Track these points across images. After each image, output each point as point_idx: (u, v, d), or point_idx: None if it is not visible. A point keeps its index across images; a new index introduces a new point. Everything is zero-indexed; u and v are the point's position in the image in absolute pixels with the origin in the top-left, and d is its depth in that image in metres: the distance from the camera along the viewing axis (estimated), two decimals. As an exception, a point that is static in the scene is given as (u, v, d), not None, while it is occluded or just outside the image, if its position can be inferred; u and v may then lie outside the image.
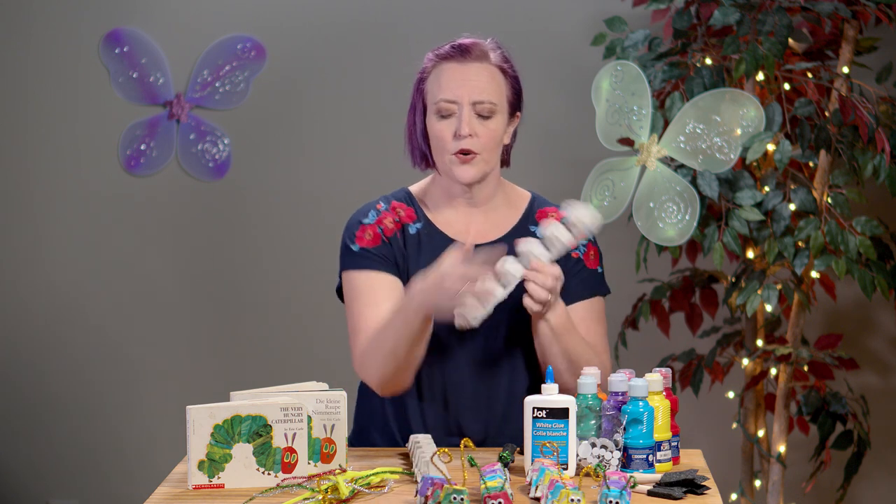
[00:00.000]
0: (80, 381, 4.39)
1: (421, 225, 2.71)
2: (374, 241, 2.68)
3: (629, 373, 2.47)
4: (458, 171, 2.64)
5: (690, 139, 3.41)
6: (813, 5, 3.59)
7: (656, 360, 4.00)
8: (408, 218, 2.72)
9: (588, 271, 2.74)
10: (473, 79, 2.63)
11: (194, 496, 2.30)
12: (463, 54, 2.63)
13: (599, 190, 3.48)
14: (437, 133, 2.65)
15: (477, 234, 2.71)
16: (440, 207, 2.73)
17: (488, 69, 2.64)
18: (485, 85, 2.63)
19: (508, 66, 2.67)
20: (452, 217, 2.72)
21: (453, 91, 2.62)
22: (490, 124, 2.64)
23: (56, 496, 4.42)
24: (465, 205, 2.72)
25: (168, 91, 4.34)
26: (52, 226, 4.37)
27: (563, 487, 2.14)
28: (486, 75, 2.64)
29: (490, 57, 2.65)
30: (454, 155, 2.63)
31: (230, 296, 4.37)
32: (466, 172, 2.64)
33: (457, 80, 2.63)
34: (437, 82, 2.65)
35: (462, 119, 2.61)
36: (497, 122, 2.65)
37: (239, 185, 4.35)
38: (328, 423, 2.41)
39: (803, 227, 3.55)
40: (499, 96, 2.65)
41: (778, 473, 3.76)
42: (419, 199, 2.75)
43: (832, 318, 4.22)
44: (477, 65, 2.64)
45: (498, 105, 2.64)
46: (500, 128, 2.66)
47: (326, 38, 4.31)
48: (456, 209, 2.72)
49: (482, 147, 2.63)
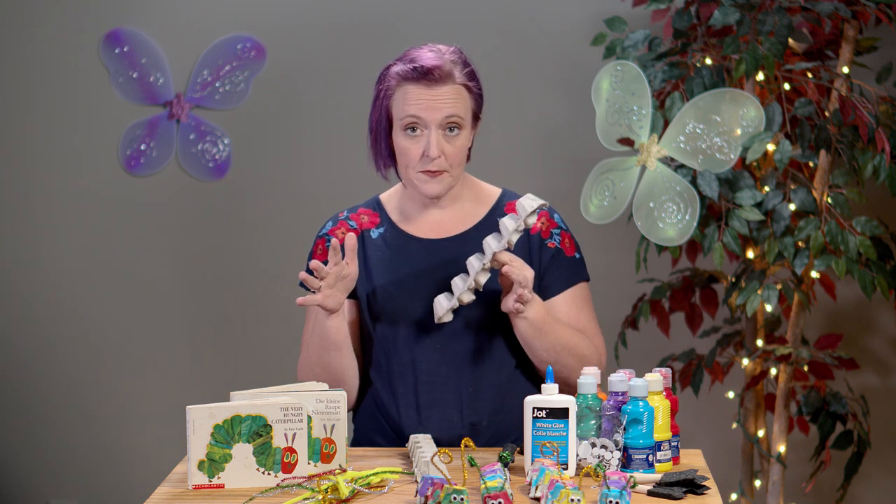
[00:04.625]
0: (80, 381, 4.39)
1: (384, 229, 2.78)
2: (322, 255, 2.79)
3: (629, 373, 2.47)
4: (425, 187, 2.70)
5: (690, 139, 3.41)
6: (813, 5, 3.59)
7: (656, 360, 4.00)
8: (370, 223, 2.79)
9: (567, 259, 2.77)
10: (440, 102, 2.66)
11: (194, 496, 2.30)
12: (428, 78, 2.66)
13: (599, 190, 3.48)
14: (404, 150, 2.70)
15: (444, 230, 2.76)
16: (407, 211, 2.79)
17: (453, 89, 2.68)
18: (451, 105, 2.67)
19: (472, 82, 2.70)
20: (419, 219, 2.77)
21: (421, 113, 2.66)
22: (457, 141, 2.69)
23: (56, 496, 4.42)
24: (434, 208, 2.77)
25: (168, 91, 4.34)
26: (52, 226, 4.37)
27: (563, 487, 2.14)
28: (453, 95, 2.67)
29: (454, 76, 2.67)
30: (422, 172, 2.69)
31: (230, 296, 4.37)
32: (433, 188, 2.70)
33: (423, 103, 2.66)
34: (403, 101, 2.68)
35: (431, 142, 2.66)
36: (463, 136, 2.70)
37: (239, 185, 4.35)
38: (328, 423, 2.41)
39: (803, 227, 3.55)
40: (465, 111, 2.69)
41: (778, 473, 3.76)
42: (386, 204, 2.81)
43: (832, 318, 4.22)
44: (441, 87, 2.66)
45: (464, 119, 2.69)
46: (466, 141, 2.71)
47: (326, 38, 4.31)
48: (424, 212, 2.78)
49: (449, 164, 2.69)
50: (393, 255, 2.74)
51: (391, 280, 2.72)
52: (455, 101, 2.66)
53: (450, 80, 2.66)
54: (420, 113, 2.65)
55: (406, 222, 2.77)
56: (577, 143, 4.13)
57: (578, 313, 2.75)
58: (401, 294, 2.71)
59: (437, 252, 2.73)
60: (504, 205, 2.79)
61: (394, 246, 2.75)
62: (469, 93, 2.69)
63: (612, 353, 4.02)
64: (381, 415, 2.74)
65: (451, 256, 2.71)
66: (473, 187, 2.80)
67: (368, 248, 2.76)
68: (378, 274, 2.73)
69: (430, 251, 2.73)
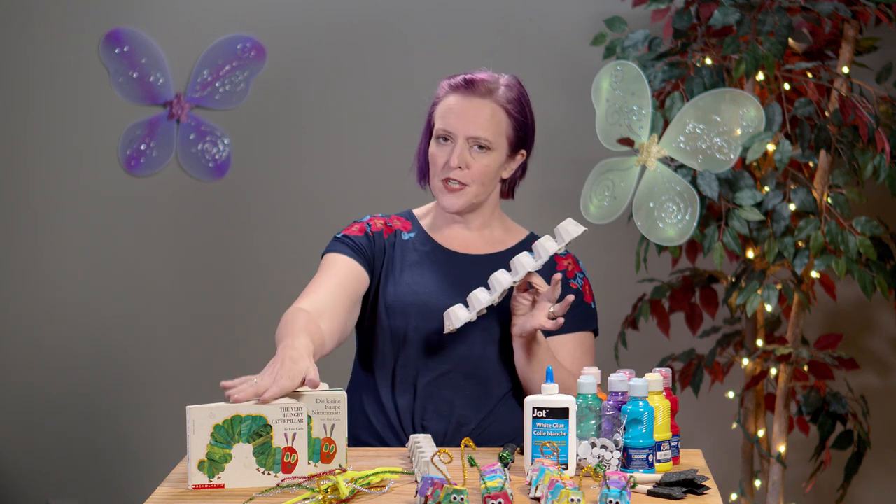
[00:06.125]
0: (80, 381, 4.39)
1: (415, 234, 2.81)
2: (358, 232, 2.79)
3: (629, 373, 2.47)
4: (444, 199, 2.74)
5: (690, 139, 3.41)
6: (813, 5, 3.59)
7: (656, 360, 4.00)
8: (403, 227, 2.83)
9: (583, 304, 2.80)
10: (473, 115, 2.70)
11: (194, 496, 2.30)
12: (469, 88, 2.72)
13: (599, 190, 3.48)
14: (432, 157, 2.75)
15: (472, 247, 2.81)
16: (438, 226, 2.83)
17: (490, 107, 2.71)
18: (483, 121, 2.70)
19: (513, 107, 2.73)
20: (449, 234, 2.82)
21: (451, 123, 2.71)
22: (483, 159, 2.71)
23: (56, 496, 4.42)
24: (462, 227, 2.81)
25: (168, 91, 4.34)
26: (52, 226, 4.37)
27: (563, 487, 2.14)
28: (487, 113, 2.71)
29: (496, 94, 2.72)
30: (442, 182, 2.73)
31: (230, 296, 4.37)
32: (451, 201, 2.74)
33: (456, 114, 2.71)
34: (442, 111, 2.73)
35: (454, 152, 2.70)
36: (492, 157, 2.72)
37: (239, 185, 4.35)
38: (328, 423, 2.41)
39: (803, 227, 3.55)
40: (496, 134, 2.72)
41: (778, 473, 3.76)
42: (420, 218, 2.85)
43: (832, 318, 4.23)
44: (479, 101, 2.71)
45: (494, 142, 2.71)
46: (494, 164, 2.73)
47: (326, 38, 4.31)
48: (452, 229, 2.82)
49: (471, 179, 2.72)
50: (421, 258, 2.78)
51: (416, 279, 2.75)
52: (488, 119, 2.70)
53: (490, 96, 2.71)
54: (451, 122, 2.70)
55: (437, 234, 2.82)
56: (577, 143, 4.13)
57: (580, 359, 2.77)
58: (424, 293, 2.74)
59: (463, 265, 2.77)
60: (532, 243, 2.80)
61: (422, 251, 2.79)
62: (508, 117, 2.72)
63: (612, 353, 4.02)
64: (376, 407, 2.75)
65: (476, 272, 2.75)
66: (505, 221, 2.85)
67: (398, 247, 2.80)
68: (404, 271, 2.77)
69: (457, 263, 2.78)
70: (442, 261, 2.78)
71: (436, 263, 2.77)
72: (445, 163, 2.71)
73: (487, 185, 2.74)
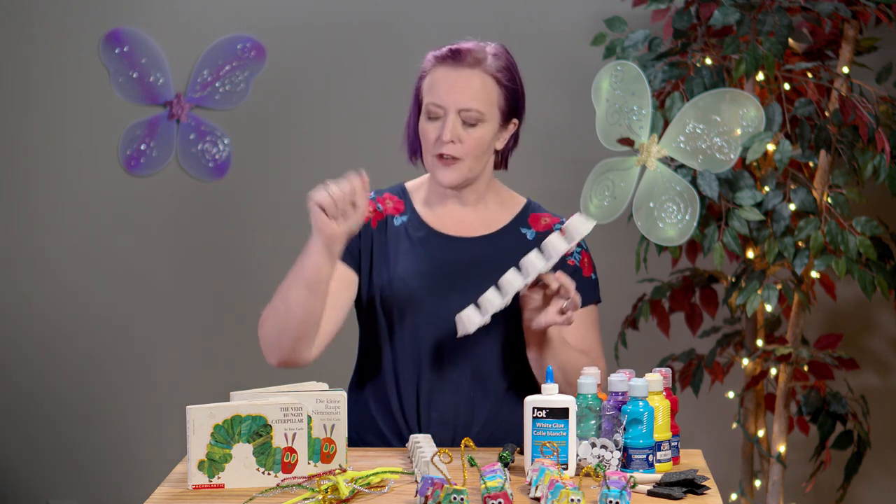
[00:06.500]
0: (80, 380, 4.39)
1: (407, 218, 2.75)
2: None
3: (629, 373, 2.47)
4: (439, 174, 2.68)
5: (690, 139, 3.41)
6: (813, 5, 3.59)
7: (656, 360, 4.00)
8: (394, 210, 2.76)
9: (583, 279, 2.77)
10: (462, 86, 2.64)
11: (194, 496, 2.30)
12: (456, 59, 2.65)
13: (599, 190, 3.48)
14: (424, 133, 2.69)
15: (466, 228, 2.75)
16: (432, 203, 2.77)
17: (480, 77, 2.65)
18: (474, 93, 2.65)
19: (503, 75, 2.67)
20: (443, 213, 2.76)
21: (441, 97, 2.65)
22: (475, 132, 2.66)
23: (56, 496, 4.42)
24: (456, 203, 2.75)
25: (168, 91, 4.34)
26: (52, 226, 4.37)
27: (563, 487, 2.14)
28: (477, 83, 2.65)
29: (484, 64, 2.66)
30: (435, 157, 2.67)
31: (230, 296, 4.37)
32: (446, 176, 2.68)
33: (446, 86, 2.65)
34: (430, 85, 2.67)
35: (446, 126, 2.64)
36: (484, 129, 2.67)
37: (239, 185, 4.35)
38: (328, 423, 2.41)
39: (803, 227, 3.55)
40: (487, 105, 2.66)
41: (778, 473, 3.76)
42: (412, 193, 2.79)
43: (832, 318, 4.22)
44: (468, 71, 2.65)
45: (486, 114, 2.66)
46: (487, 135, 2.67)
47: (326, 38, 4.31)
48: (446, 206, 2.76)
49: (465, 153, 2.66)
50: (413, 246, 2.73)
51: (409, 270, 2.71)
52: (479, 89, 2.64)
53: (479, 66, 2.65)
54: (441, 96, 2.64)
55: (430, 214, 2.76)
56: (577, 143, 4.13)
57: (585, 334, 2.75)
58: (417, 286, 2.70)
59: (458, 250, 2.72)
60: (529, 215, 2.78)
61: (415, 237, 2.73)
62: (499, 86, 2.67)
63: (612, 353, 4.02)
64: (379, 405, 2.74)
65: (471, 257, 2.71)
66: (500, 192, 2.79)
67: (390, 234, 2.74)
68: (397, 262, 2.72)
69: (451, 248, 2.73)
70: (436, 246, 2.72)
71: (430, 251, 2.72)
72: (438, 137, 2.65)
73: (480, 158, 2.68)
